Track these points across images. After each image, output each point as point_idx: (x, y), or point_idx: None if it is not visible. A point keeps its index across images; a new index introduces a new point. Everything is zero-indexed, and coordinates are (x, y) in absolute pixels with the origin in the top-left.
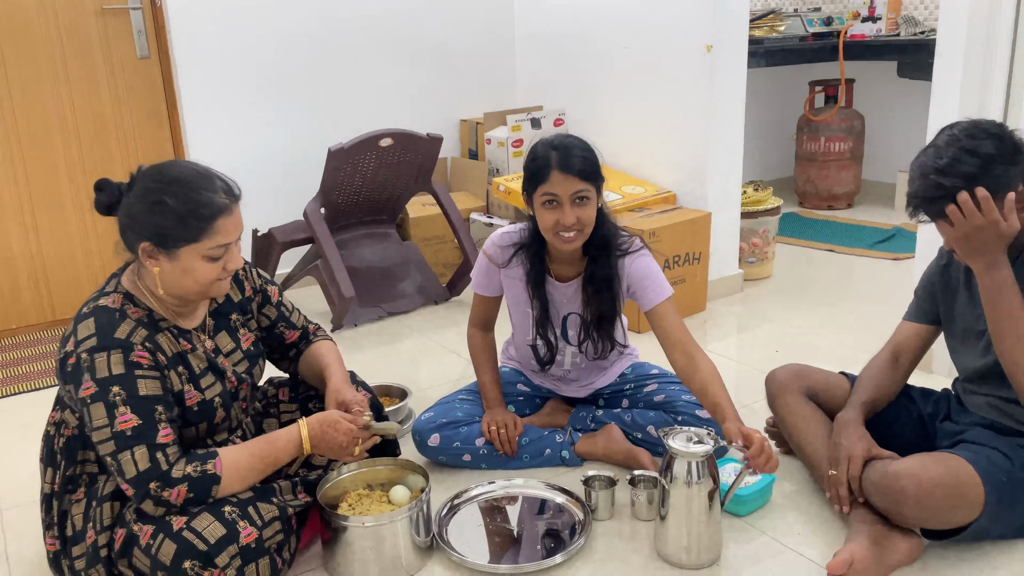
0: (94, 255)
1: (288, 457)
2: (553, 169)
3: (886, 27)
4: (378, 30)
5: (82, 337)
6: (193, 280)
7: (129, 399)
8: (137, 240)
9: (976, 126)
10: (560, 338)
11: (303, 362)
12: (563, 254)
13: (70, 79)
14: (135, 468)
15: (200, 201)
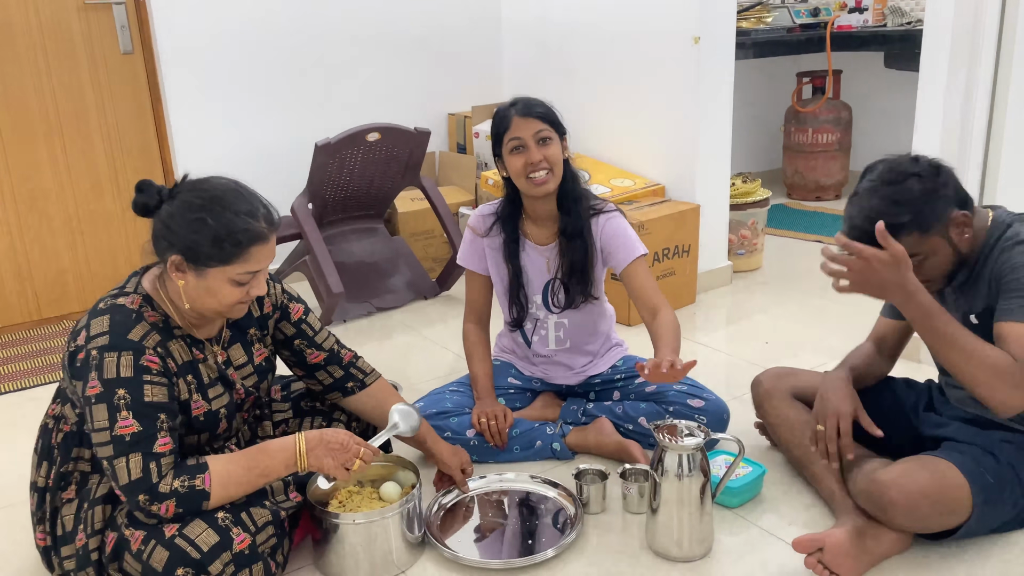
0: (79, 253)
1: (282, 469)
2: (514, 116)
3: (873, 18)
4: (365, 23)
5: (94, 333)
6: (216, 300)
7: (133, 404)
8: (168, 250)
9: (894, 169)
10: (541, 307)
11: (360, 404)
12: (538, 210)
13: (52, 75)
14: (128, 476)
15: (238, 226)
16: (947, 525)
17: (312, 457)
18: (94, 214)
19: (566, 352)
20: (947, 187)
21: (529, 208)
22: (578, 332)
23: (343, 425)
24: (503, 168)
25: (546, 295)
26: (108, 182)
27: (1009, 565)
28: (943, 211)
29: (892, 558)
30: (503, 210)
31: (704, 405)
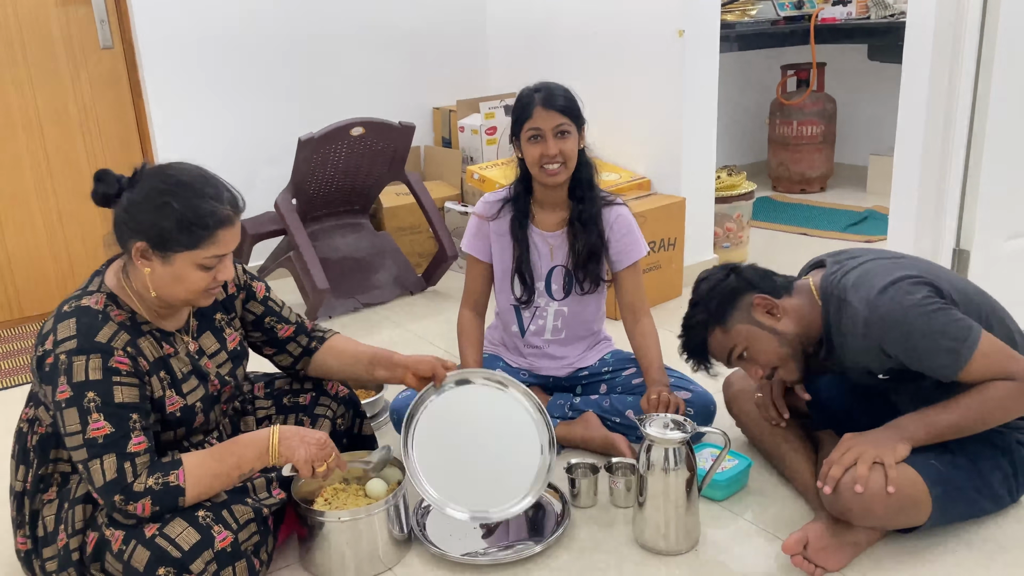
0: (60, 250)
1: (254, 458)
2: (536, 105)
3: (856, 10)
4: (348, 17)
5: (62, 337)
6: (184, 287)
7: (103, 406)
8: (133, 238)
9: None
10: (544, 293)
11: (323, 362)
12: (549, 197)
13: (31, 70)
14: (103, 477)
15: (205, 210)
16: (912, 522)
17: (284, 446)
18: (75, 211)
19: (559, 343)
20: (737, 280)
21: (539, 193)
22: (575, 321)
23: (328, 423)
24: (519, 150)
25: (549, 282)
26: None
27: (987, 549)
28: (732, 300)
29: (876, 545)
30: (514, 190)
31: (690, 397)
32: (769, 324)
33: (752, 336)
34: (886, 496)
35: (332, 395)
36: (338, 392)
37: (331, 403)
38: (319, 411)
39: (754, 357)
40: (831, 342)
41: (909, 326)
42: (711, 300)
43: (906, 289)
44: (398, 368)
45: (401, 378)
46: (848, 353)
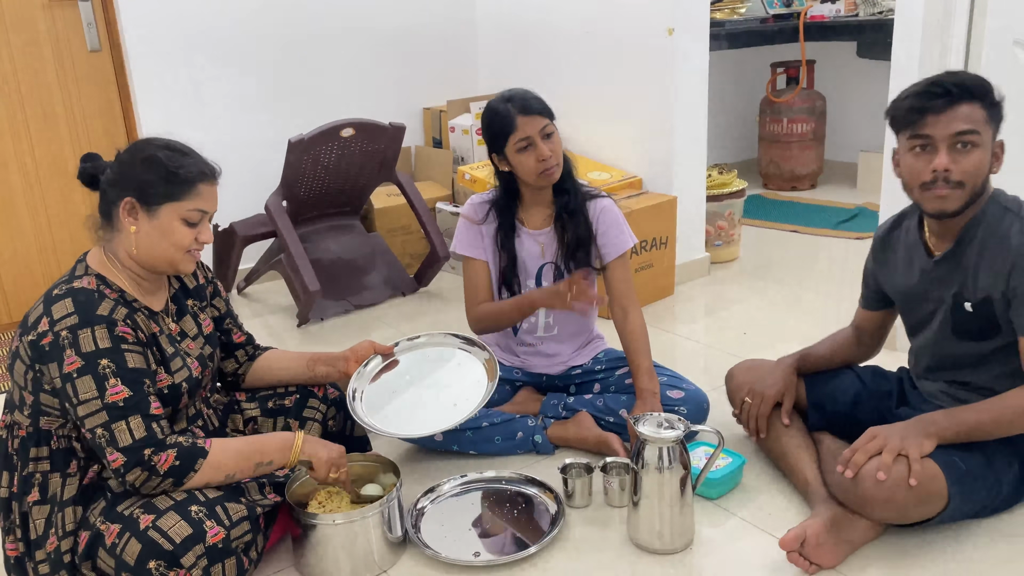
0: (49, 254)
1: (276, 450)
2: (517, 115)
3: (845, 8)
4: (337, 18)
5: (59, 316)
6: (169, 243)
7: (119, 371)
8: (120, 196)
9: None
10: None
11: (261, 366)
12: (535, 197)
13: (18, 73)
14: (130, 436)
15: (187, 163)
16: (925, 515)
17: (308, 445)
18: (63, 214)
19: (553, 340)
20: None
21: (527, 196)
22: (567, 318)
23: (319, 425)
24: (504, 163)
25: (539, 280)
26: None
27: (981, 548)
28: (1000, 119)
29: (870, 544)
30: (499, 200)
31: (684, 396)
32: (993, 158)
33: (984, 146)
34: (907, 488)
35: (321, 397)
36: (327, 394)
37: (320, 405)
38: (307, 413)
39: (969, 159)
40: (963, 245)
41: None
42: (991, 90)
43: None
44: (339, 360)
45: (344, 370)
46: (973, 261)
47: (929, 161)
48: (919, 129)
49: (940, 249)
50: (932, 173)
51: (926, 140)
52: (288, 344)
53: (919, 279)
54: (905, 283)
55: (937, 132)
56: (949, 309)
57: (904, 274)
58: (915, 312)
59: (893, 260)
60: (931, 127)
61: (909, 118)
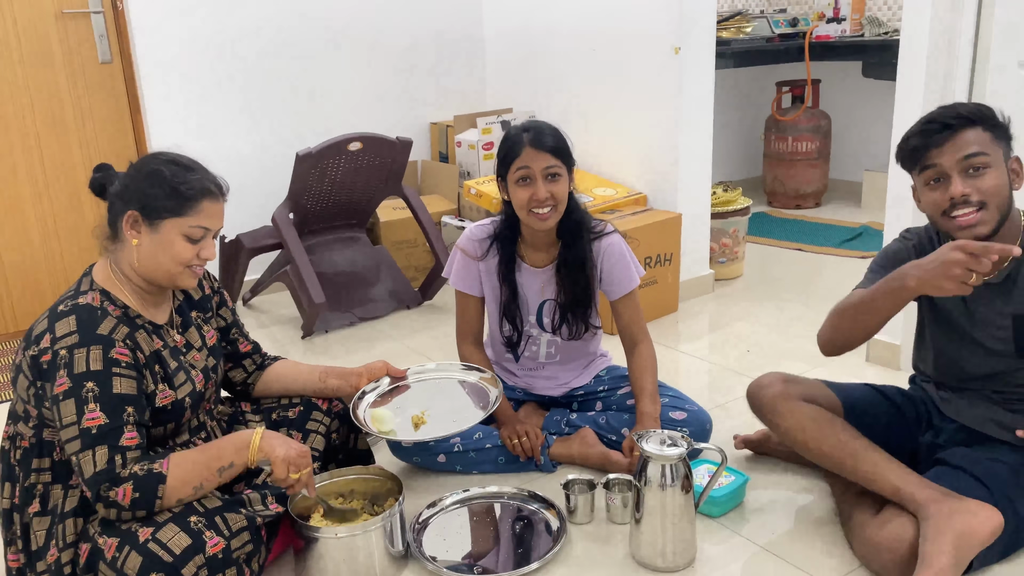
0: (56, 263)
1: (232, 451)
2: (526, 146)
3: (851, 28)
4: (346, 33)
5: (61, 334)
6: (169, 257)
7: (101, 396)
8: (124, 209)
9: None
10: (536, 325)
11: (272, 376)
12: (537, 237)
13: (30, 84)
14: (93, 467)
15: (192, 179)
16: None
17: (265, 442)
18: (72, 224)
19: (555, 365)
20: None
21: (527, 234)
22: (568, 349)
23: (322, 438)
24: (504, 191)
25: (540, 315)
26: (86, 192)
27: None
28: (1008, 138)
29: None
30: (500, 231)
31: (686, 417)
32: (1011, 175)
33: (997, 165)
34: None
35: (325, 410)
36: (331, 407)
37: (324, 417)
38: (310, 426)
39: (985, 179)
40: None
41: None
42: (991, 114)
43: None
44: (351, 376)
45: (355, 384)
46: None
47: (946, 190)
48: (927, 162)
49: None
50: (950, 200)
51: (937, 172)
52: (293, 356)
53: (965, 299)
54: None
55: (944, 161)
56: (1011, 329)
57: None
58: (958, 329)
59: None
60: (937, 157)
61: (915, 156)
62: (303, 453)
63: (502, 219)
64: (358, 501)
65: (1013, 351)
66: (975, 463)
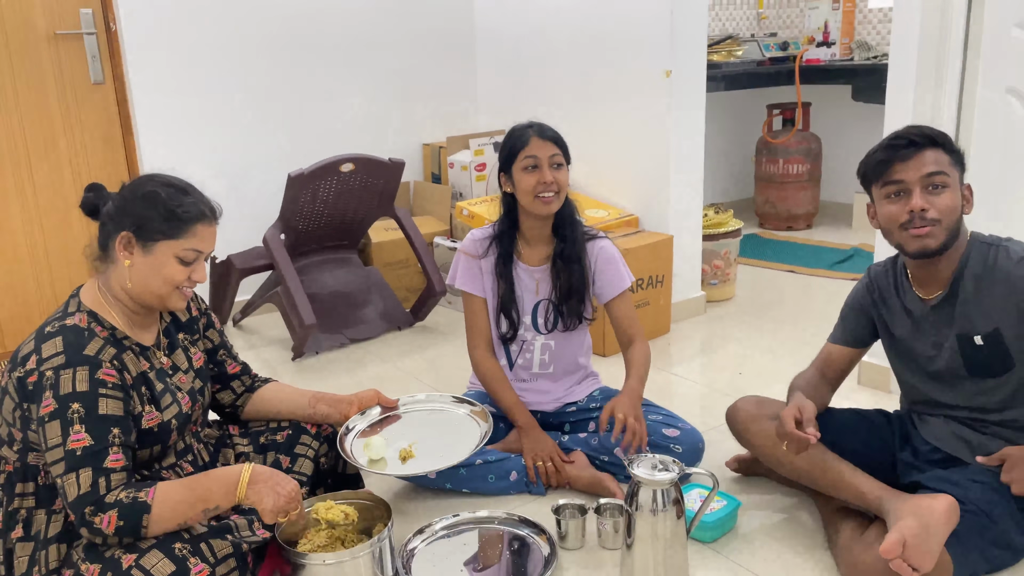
0: (46, 283)
1: (221, 493)
2: (532, 136)
3: (840, 52)
4: (338, 54)
5: (47, 355)
6: (161, 279)
7: (86, 417)
8: (117, 229)
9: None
10: (530, 327)
11: (261, 398)
12: (535, 231)
13: (20, 104)
14: (77, 490)
15: (187, 203)
16: None
17: (252, 491)
18: (62, 245)
19: (548, 377)
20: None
21: (526, 228)
22: (562, 355)
23: (310, 462)
24: (509, 184)
25: (535, 316)
26: (76, 213)
27: None
28: (962, 164)
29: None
30: (500, 226)
31: (679, 435)
32: (963, 200)
33: (953, 187)
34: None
35: (313, 434)
36: (320, 431)
37: (312, 441)
38: (299, 450)
39: (942, 198)
40: (957, 285)
41: None
42: (950, 140)
43: None
44: (342, 403)
45: (345, 412)
46: (971, 297)
47: (906, 204)
48: (891, 176)
49: (931, 295)
50: (909, 213)
51: (900, 185)
52: (283, 377)
53: (914, 324)
54: (900, 327)
55: (908, 176)
56: (956, 350)
57: (899, 318)
58: (912, 355)
59: (892, 302)
60: (902, 172)
61: (880, 169)
62: (291, 497)
63: (501, 217)
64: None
65: (965, 373)
66: (953, 485)
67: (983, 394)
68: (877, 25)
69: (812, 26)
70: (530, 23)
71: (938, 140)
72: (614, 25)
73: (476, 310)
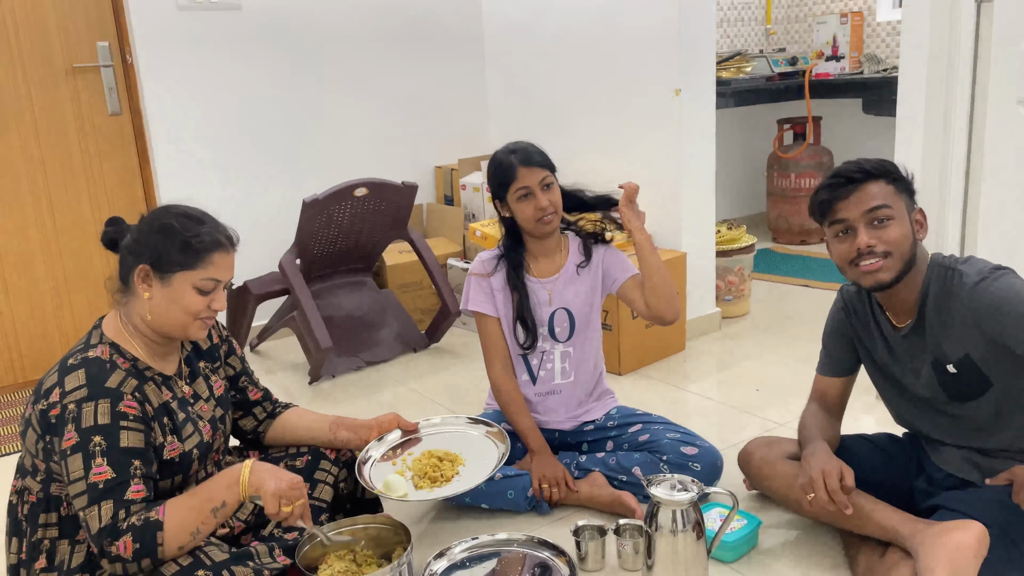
0: (66, 314)
1: (224, 488)
2: (518, 167)
3: (850, 65)
4: (349, 80)
5: (70, 388)
6: (180, 309)
7: (108, 450)
8: (136, 262)
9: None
10: (548, 337)
11: (282, 424)
12: (540, 247)
13: (39, 136)
14: (98, 523)
15: (203, 232)
16: None
17: (254, 476)
18: (82, 276)
19: (570, 386)
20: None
21: (531, 245)
22: (581, 362)
23: (330, 488)
24: (505, 209)
25: (552, 325)
26: (95, 243)
27: None
28: (909, 190)
29: None
30: (505, 246)
31: (698, 452)
32: (914, 226)
33: (900, 216)
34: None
35: (333, 459)
36: (339, 456)
37: (332, 467)
38: (318, 475)
39: (889, 230)
40: (923, 311)
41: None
42: (894, 168)
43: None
44: (362, 428)
45: (365, 437)
46: (936, 326)
47: (853, 242)
48: (834, 216)
49: (902, 323)
50: (857, 251)
51: (844, 223)
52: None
53: (890, 351)
54: (880, 352)
55: (850, 214)
56: (934, 377)
57: (878, 343)
58: (894, 380)
59: (870, 326)
60: (844, 211)
61: (824, 209)
62: (294, 484)
63: (504, 237)
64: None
65: (945, 398)
66: (971, 505)
67: (970, 417)
68: (886, 38)
69: (821, 40)
70: (539, 44)
71: (877, 172)
72: (622, 44)
73: (491, 331)
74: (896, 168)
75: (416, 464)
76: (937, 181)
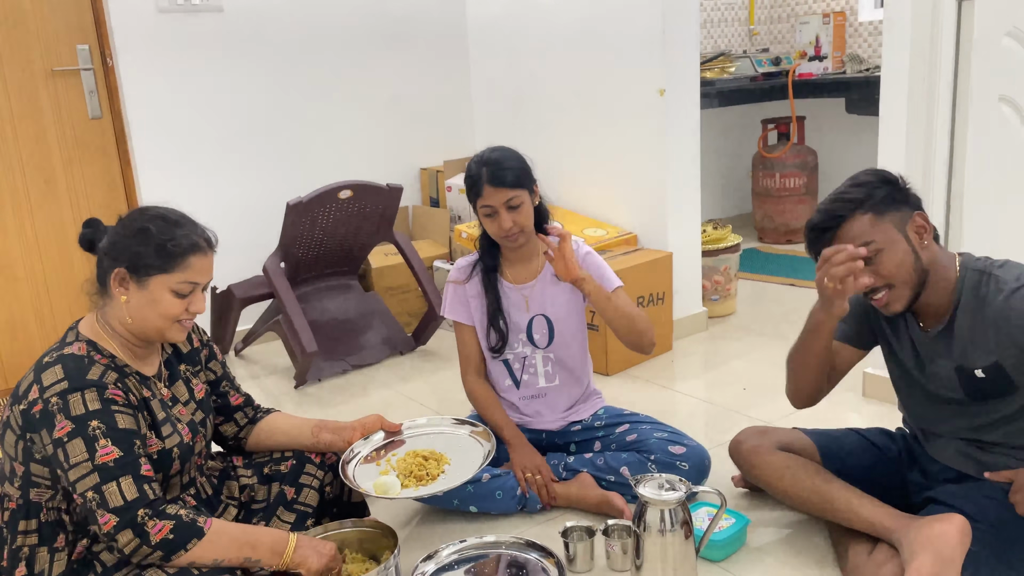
0: (46, 319)
1: (268, 547)
2: (485, 184)
3: (832, 65)
4: (334, 82)
5: (48, 383)
6: (158, 313)
7: (109, 432)
8: (112, 266)
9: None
10: (528, 343)
11: (264, 429)
12: (514, 254)
13: (19, 140)
14: (121, 497)
15: (179, 236)
16: None
17: (299, 554)
18: (63, 280)
19: (555, 389)
20: (903, 190)
21: (506, 250)
22: (566, 366)
23: (315, 493)
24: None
25: (530, 332)
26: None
27: None
28: (897, 201)
29: None
30: (480, 250)
31: (685, 452)
32: (915, 242)
33: (894, 243)
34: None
35: (318, 464)
36: (324, 460)
37: (317, 471)
38: (304, 480)
39: (881, 264)
40: (954, 317)
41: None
42: (878, 188)
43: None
44: (345, 430)
45: (348, 439)
46: (966, 332)
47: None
48: None
49: (930, 325)
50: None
51: None
52: (285, 406)
53: (915, 350)
54: (903, 349)
55: None
56: (957, 380)
57: (903, 340)
58: (912, 376)
59: (898, 323)
60: None
61: (816, 258)
62: (332, 556)
63: (480, 239)
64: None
65: (965, 398)
66: (966, 500)
67: (984, 414)
68: (868, 38)
69: (804, 41)
70: (523, 44)
71: (846, 210)
72: (607, 45)
73: (466, 339)
74: (876, 184)
75: (401, 464)
76: (920, 179)
